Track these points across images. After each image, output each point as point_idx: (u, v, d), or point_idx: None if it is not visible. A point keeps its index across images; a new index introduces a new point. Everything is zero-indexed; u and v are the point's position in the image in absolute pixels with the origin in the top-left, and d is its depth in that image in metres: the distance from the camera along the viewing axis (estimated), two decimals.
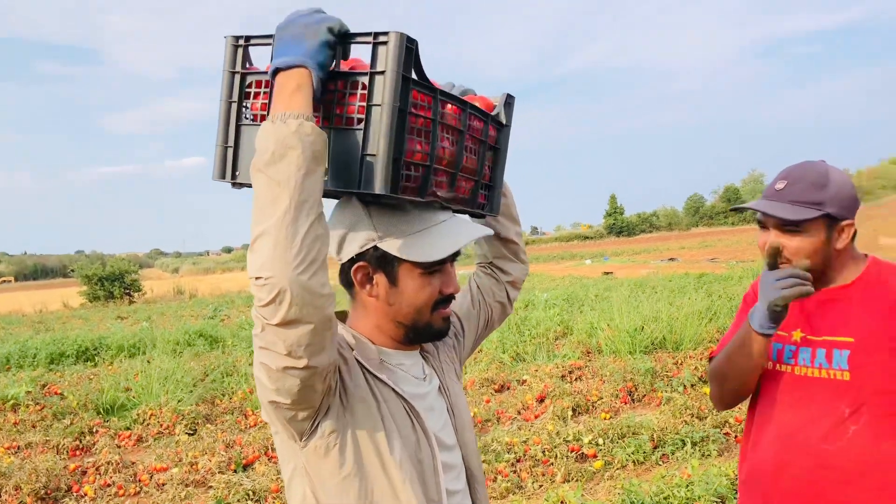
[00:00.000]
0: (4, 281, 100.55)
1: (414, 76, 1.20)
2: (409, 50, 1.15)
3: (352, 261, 1.31)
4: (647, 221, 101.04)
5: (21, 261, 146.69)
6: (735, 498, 3.79)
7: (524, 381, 7.29)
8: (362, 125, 1.16)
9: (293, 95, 1.10)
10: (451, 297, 1.38)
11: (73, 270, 38.33)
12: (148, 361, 9.07)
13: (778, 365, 1.76)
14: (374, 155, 1.15)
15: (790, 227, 1.64)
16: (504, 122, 1.50)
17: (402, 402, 1.32)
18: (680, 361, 7.64)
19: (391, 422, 1.29)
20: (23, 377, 9.37)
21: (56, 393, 8.25)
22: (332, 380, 1.22)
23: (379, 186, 1.15)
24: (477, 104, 1.42)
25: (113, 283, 33.19)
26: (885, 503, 1.60)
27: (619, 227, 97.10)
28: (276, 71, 1.13)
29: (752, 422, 1.85)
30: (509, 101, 1.52)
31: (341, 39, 1.15)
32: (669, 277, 18.62)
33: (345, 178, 1.18)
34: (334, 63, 1.17)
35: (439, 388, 1.46)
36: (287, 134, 1.05)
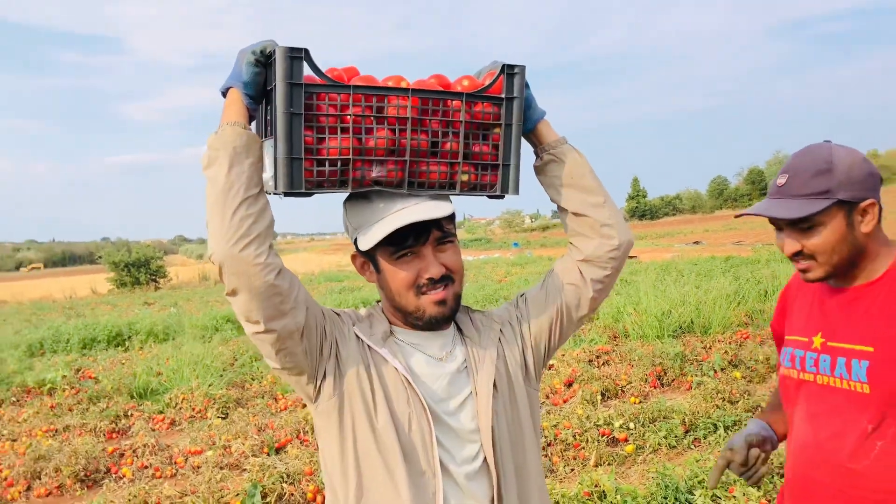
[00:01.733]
0: (34, 268, 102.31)
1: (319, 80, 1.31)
2: (295, 59, 1.28)
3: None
4: (670, 204, 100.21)
5: (49, 248, 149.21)
6: (770, 482, 3.78)
7: (551, 366, 7.29)
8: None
9: (226, 110, 1.31)
10: (441, 280, 1.40)
11: (100, 257, 38.89)
12: (178, 346, 9.20)
13: (801, 373, 1.63)
14: (277, 157, 1.30)
15: (802, 224, 1.50)
16: (505, 95, 1.44)
17: (399, 375, 1.39)
18: (709, 345, 7.60)
19: (381, 390, 1.37)
20: (57, 362, 9.57)
21: (90, 377, 8.41)
22: (319, 345, 1.37)
23: (280, 185, 1.30)
24: (454, 85, 1.43)
25: (139, 269, 33.67)
26: None
27: (642, 210, 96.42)
28: (223, 93, 1.34)
29: (789, 427, 1.73)
30: (510, 73, 1.44)
31: (267, 59, 1.30)
32: (695, 261, 18.47)
33: (275, 179, 1.32)
34: (268, 78, 1.32)
35: (465, 370, 1.46)
36: (215, 140, 1.27)
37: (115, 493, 4.46)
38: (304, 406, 6.38)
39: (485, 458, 1.42)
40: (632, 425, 5.08)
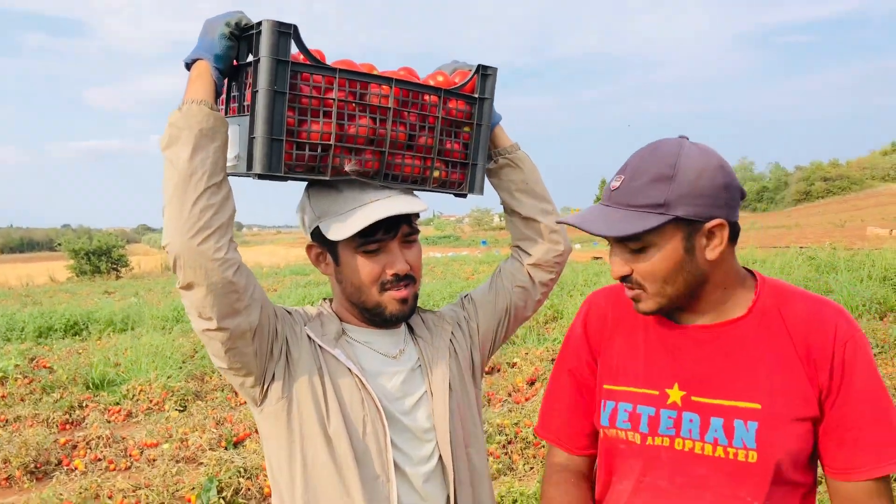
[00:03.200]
0: None
1: (303, 60, 1.26)
2: (283, 34, 1.21)
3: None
4: None
5: (7, 233, 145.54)
6: None
7: (514, 364, 7.31)
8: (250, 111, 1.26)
9: (192, 84, 1.22)
10: (404, 279, 1.37)
11: (59, 244, 38.02)
12: (137, 337, 9.03)
13: (650, 437, 1.26)
14: (254, 137, 1.23)
15: (631, 243, 1.20)
16: (479, 95, 1.44)
17: (352, 377, 1.35)
18: None
19: (333, 394, 1.33)
20: (11, 350, 9.30)
21: (45, 367, 8.20)
22: (269, 346, 1.31)
23: (257, 166, 1.23)
24: (434, 81, 1.42)
25: (100, 257, 32.98)
26: None
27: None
28: (187, 65, 1.26)
29: None
30: (485, 73, 1.44)
31: (241, 32, 1.24)
32: None
33: (248, 161, 1.26)
34: (240, 53, 1.27)
35: (418, 369, 1.44)
36: (178, 118, 1.18)
37: (65, 486, 4.36)
38: None
39: (440, 459, 1.40)
40: None
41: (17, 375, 7.64)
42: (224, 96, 1.36)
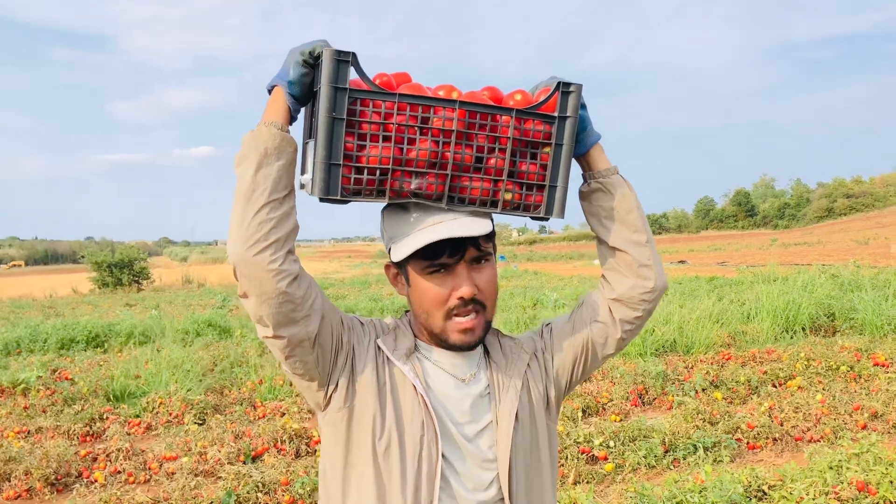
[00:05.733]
0: (15, 265, 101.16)
1: (365, 86, 1.28)
2: (342, 62, 1.25)
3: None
4: (656, 223, 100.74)
5: (32, 245, 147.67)
6: None
7: None
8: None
9: (267, 107, 1.29)
10: (471, 303, 1.33)
11: (83, 257, 38.53)
12: (157, 349, 9.09)
13: None
14: (315, 162, 1.28)
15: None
16: (558, 114, 1.37)
17: (416, 395, 1.33)
18: (691, 365, 7.61)
19: (392, 411, 1.32)
20: (33, 362, 9.42)
21: (66, 378, 8.27)
22: (333, 355, 1.33)
23: (315, 190, 1.28)
24: (486, 98, 1.37)
25: (122, 270, 33.32)
26: None
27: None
28: (268, 90, 1.32)
29: None
30: (565, 91, 1.37)
31: (315, 60, 1.27)
32: (679, 280, 18.54)
33: (311, 183, 1.31)
34: (315, 80, 1.29)
35: (487, 395, 1.40)
36: (249, 138, 1.25)
37: (85, 499, 4.39)
38: (283, 415, 6.32)
39: (499, 490, 1.36)
40: (612, 444, 5.06)
41: (40, 387, 7.72)
42: (307, 119, 1.40)
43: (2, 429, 6.22)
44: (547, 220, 1.43)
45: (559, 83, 1.35)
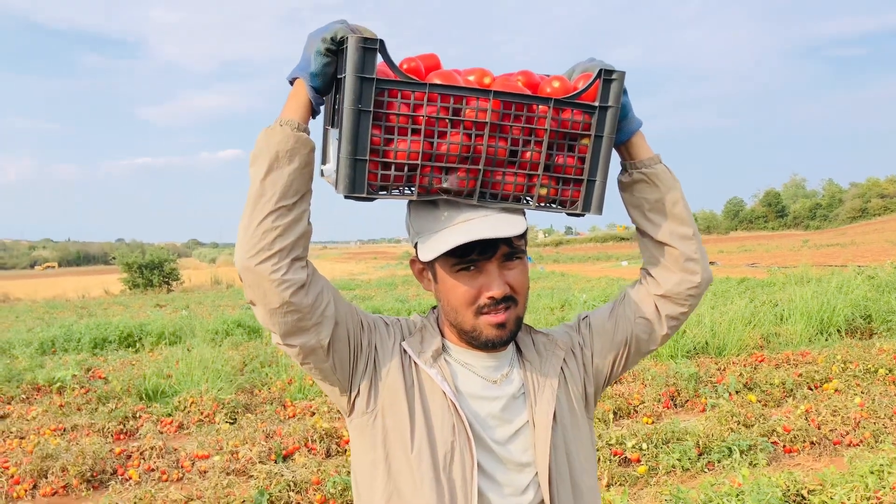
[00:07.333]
0: (49, 266, 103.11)
1: (394, 76, 1.19)
2: (368, 50, 1.15)
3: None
4: None
5: (65, 247, 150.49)
6: None
7: None
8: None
9: (287, 103, 1.21)
10: (503, 301, 1.27)
11: (114, 258, 39.19)
12: (188, 349, 9.19)
13: None
14: (339, 157, 1.20)
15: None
16: (599, 103, 1.27)
17: (446, 400, 1.28)
18: (723, 367, 7.50)
19: (422, 415, 1.27)
20: (68, 361, 9.58)
21: (100, 377, 8.40)
22: (352, 360, 1.28)
23: (339, 187, 1.20)
24: (525, 88, 1.27)
25: (152, 271, 33.82)
26: None
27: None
28: (290, 82, 1.24)
29: None
30: (607, 78, 1.27)
31: (339, 45, 1.18)
32: None
33: (335, 179, 1.23)
34: (339, 66, 1.20)
35: (521, 396, 1.34)
36: (261, 138, 1.18)
37: (120, 496, 4.43)
38: (313, 414, 6.34)
39: (537, 494, 1.30)
40: (644, 446, 4.99)
41: (74, 385, 7.85)
42: (330, 107, 1.32)
43: (38, 426, 6.33)
44: (583, 216, 1.35)
45: (601, 70, 1.25)
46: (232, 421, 6.45)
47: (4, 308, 25.19)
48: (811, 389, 6.61)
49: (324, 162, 1.34)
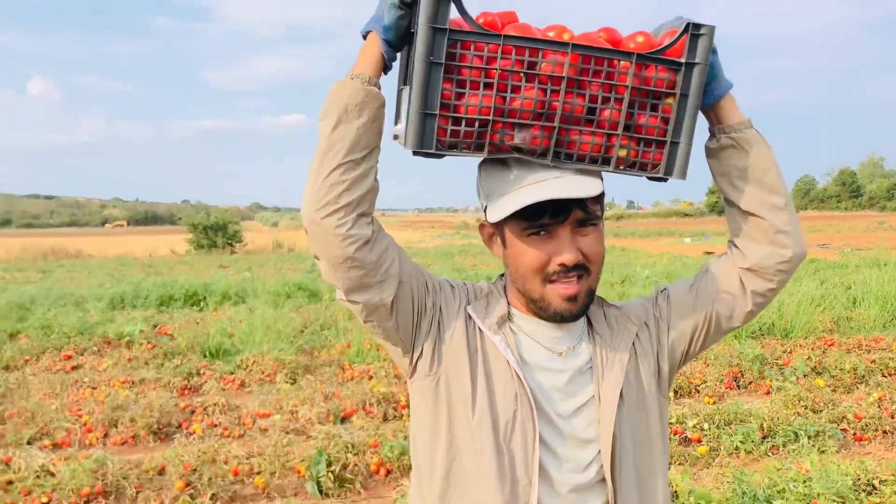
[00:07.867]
0: (118, 225, 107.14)
1: (467, 26, 1.15)
2: (442, 2, 1.12)
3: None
4: None
5: (133, 207, 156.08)
6: (857, 500, 3.55)
7: None
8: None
9: (360, 57, 1.20)
10: (574, 269, 1.21)
11: (180, 219, 40.32)
12: (251, 310, 9.39)
13: None
14: (408, 111, 1.17)
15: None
16: (685, 60, 1.20)
17: (509, 369, 1.25)
18: (790, 350, 7.26)
19: (485, 383, 1.24)
20: (136, 316, 9.92)
21: (166, 333, 8.68)
22: (415, 321, 1.26)
23: (408, 143, 1.17)
24: (601, 40, 1.20)
25: (216, 232, 34.64)
26: None
27: (722, 206, 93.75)
28: (363, 36, 1.22)
29: None
30: (695, 33, 1.20)
31: None
32: None
33: (404, 135, 1.21)
34: (413, 21, 1.17)
35: (588, 371, 1.30)
36: (332, 92, 1.16)
37: (185, 448, 4.57)
38: (371, 378, 6.41)
39: (599, 471, 1.26)
40: (706, 426, 4.88)
41: (142, 340, 8.13)
42: (403, 64, 1.30)
43: (109, 378, 6.59)
44: (665, 181, 1.28)
45: (688, 24, 1.18)
46: (292, 381, 6.58)
47: (78, 264, 26.30)
48: (885, 377, 6.33)
49: (396, 122, 1.31)
